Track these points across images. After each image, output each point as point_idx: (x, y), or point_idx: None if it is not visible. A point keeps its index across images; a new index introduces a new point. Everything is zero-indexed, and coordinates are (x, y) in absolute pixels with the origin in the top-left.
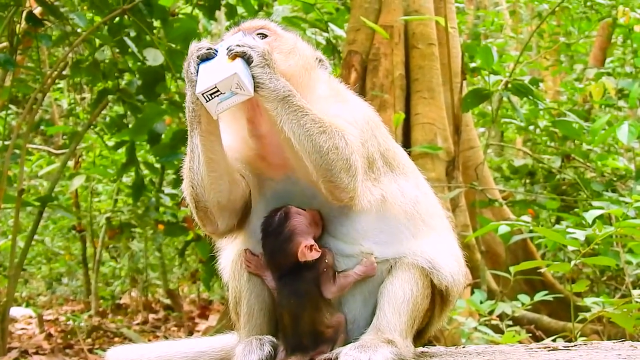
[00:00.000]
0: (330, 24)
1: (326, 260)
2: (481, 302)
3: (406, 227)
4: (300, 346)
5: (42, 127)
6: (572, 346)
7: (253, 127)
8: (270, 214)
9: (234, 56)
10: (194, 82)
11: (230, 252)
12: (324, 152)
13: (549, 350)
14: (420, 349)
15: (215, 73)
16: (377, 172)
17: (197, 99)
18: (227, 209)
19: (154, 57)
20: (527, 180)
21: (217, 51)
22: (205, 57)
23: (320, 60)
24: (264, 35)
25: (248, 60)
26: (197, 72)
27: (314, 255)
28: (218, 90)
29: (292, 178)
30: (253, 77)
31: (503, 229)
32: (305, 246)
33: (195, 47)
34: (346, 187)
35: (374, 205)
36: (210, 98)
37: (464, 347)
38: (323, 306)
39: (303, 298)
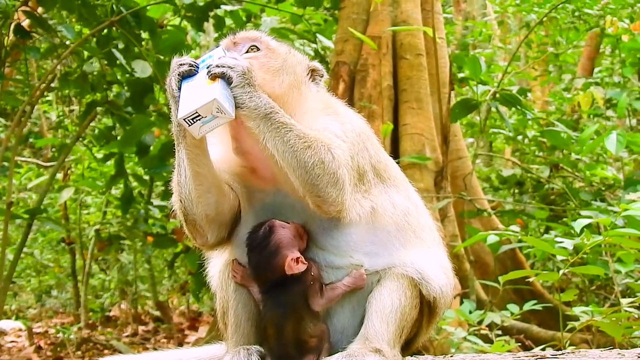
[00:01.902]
0: (318, 35)
1: (312, 273)
2: (470, 312)
3: (396, 238)
4: (285, 356)
5: (30, 140)
6: (560, 354)
7: (238, 145)
8: (255, 229)
9: (213, 77)
10: (177, 99)
11: (219, 262)
12: (309, 167)
13: (537, 359)
14: (408, 358)
15: (195, 97)
16: (367, 184)
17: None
18: (215, 222)
19: (142, 69)
20: (516, 190)
21: (198, 67)
22: (187, 74)
23: (313, 71)
24: (257, 48)
25: (228, 81)
26: (179, 88)
27: (301, 267)
28: (199, 115)
29: (282, 191)
30: (234, 97)
31: (492, 238)
32: (292, 259)
33: (177, 63)
34: (334, 201)
35: (364, 217)
36: (192, 122)
37: (451, 356)
38: (306, 316)
39: (287, 309)
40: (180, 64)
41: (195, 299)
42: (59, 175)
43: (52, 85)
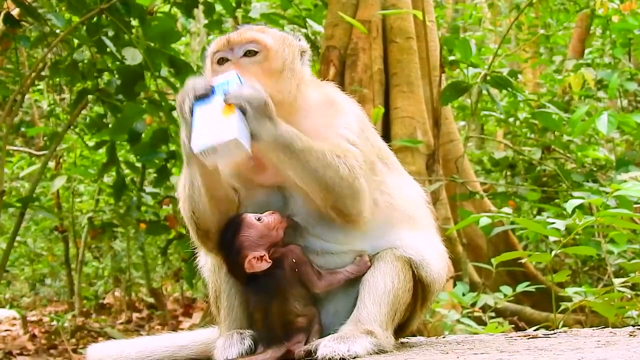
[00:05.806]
0: (308, 20)
1: (293, 260)
2: (463, 295)
3: (400, 223)
4: (274, 339)
5: (22, 129)
6: (552, 334)
7: None
8: (225, 225)
9: (230, 107)
10: (189, 122)
11: None
12: (330, 187)
13: (528, 339)
14: (401, 340)
15: (212, 130)
16: (380, 174)
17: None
18: None
19: (133, 56)
20: (508, 173)
21: (213, 90)
22: (201, 98)
23: (302, 52)
24: (254, 52)
25: (245, 113)
26: (192, 112)
27: (263, 266)
28: (215, 149)
29: (282, 188)
30: (250, 130)
31: (484, 221)
32: (254, 257)
33: (192, 85)
34: (352, 210)
35: (377, 213)
36: (207, 155)
37: (444, 337)
38: (290, 296)
39: (270, 292)
40: (196, 87)
41: (189, 286)
42: (51, 164)
43: (43, 73)
